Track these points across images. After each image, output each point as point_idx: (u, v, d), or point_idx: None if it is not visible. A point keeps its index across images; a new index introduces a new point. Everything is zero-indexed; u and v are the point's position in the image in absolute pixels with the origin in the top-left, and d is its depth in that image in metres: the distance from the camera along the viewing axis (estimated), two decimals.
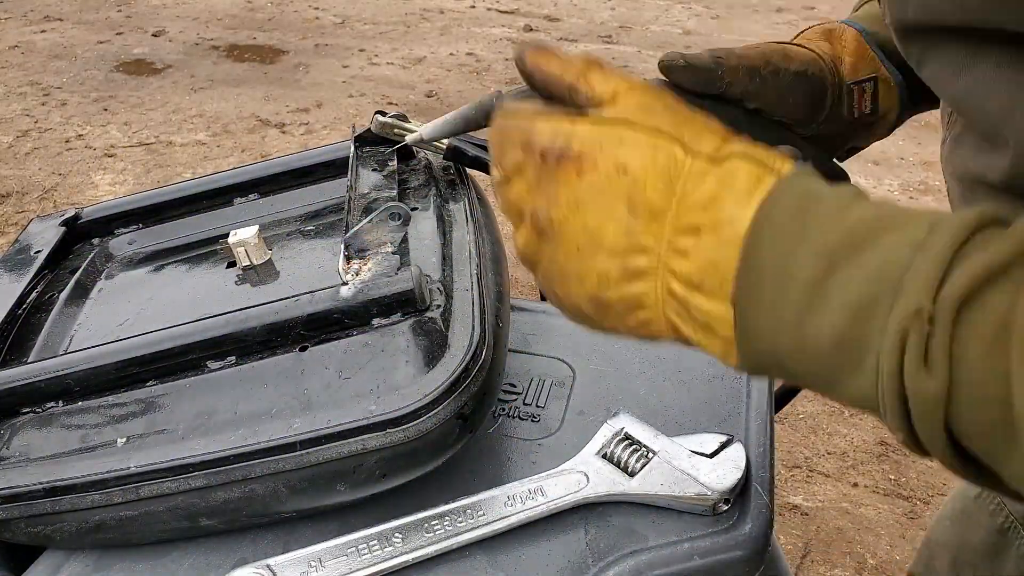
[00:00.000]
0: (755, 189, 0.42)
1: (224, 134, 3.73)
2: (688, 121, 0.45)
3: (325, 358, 0.68)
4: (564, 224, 0.46)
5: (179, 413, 0.68)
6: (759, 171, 0.42)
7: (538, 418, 0.79)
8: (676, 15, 5.40)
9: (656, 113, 0.45)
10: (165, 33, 4.92)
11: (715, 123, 0.47)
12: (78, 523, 0.66)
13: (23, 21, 5.09)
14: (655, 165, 0.43)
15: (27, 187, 3.32)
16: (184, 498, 0.65)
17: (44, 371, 0.71)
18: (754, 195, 0.42)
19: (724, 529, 0.67)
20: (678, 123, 0.45)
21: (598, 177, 0.44)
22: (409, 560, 0.65)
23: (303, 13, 5.30)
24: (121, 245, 0.99)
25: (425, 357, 0.66)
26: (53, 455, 0.67)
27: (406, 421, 0.63)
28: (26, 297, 0.86)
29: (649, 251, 0.44)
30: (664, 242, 0.43)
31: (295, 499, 0.66)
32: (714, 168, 0.43)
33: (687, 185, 0.43)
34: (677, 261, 0.43)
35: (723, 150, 0.44)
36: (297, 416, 0.64)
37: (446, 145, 0.91)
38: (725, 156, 0.43)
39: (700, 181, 0.43)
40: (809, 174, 0.42)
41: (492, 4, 5.52)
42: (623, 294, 0.45)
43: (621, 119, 0.45)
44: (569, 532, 0.68)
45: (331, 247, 0.87)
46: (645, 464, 0.70)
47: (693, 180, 0.43)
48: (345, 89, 4.17)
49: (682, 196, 0.43)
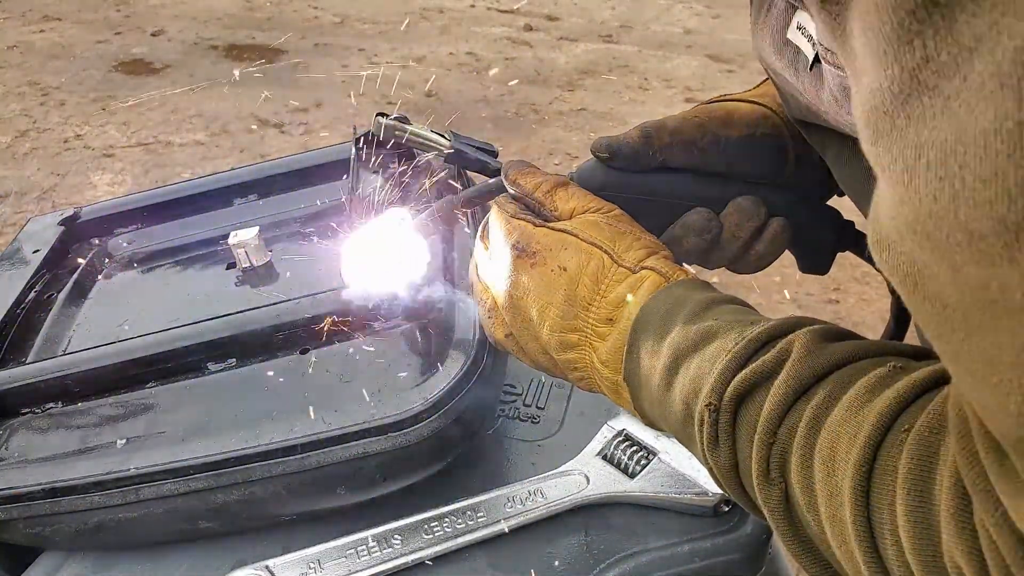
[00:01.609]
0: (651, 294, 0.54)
1: (223, 134, 3.73)
2: (622, 236, 0.57)
3: (326, 361, 0.68)
4: (521, 300, 0.59)
5: (179, 415, 0.68)
6: (661, 280, 0.54)
7: (538, 419, 0.79)
8: (677, 14, 5.40)
9: (600, 228, 0.57)
10: (164, 33, 4.91)
11: (647, 238, 0.58)
12: (77, 524, 0.66)
13: (22, 21, 5.08)
14: (587, 268, 0.56)
15: (25, 187, 3.31)
16: (184, 500, 0.65)
17: (43, 372, 0.71)
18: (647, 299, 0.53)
19: (724, 531, 0.67)
20: (614, 238, 0.57)
21: (545, 271, 0.57)
22: (409, 562, 0.65)
23: (302, 12, 5.30)
24: (120, 245, 0.99)
25: (426, 361, 0.66)
26: (52, 456, 0.67)
27: (407, 425, 0.63)
28: (25, 297, 0.86)
29: (580, 330, 0.56)
30: (590, 326, 0.56)
31: (295, 502, 0.66)
32: (630, 276, 0.55)
33: (609, 286, 0.55)
34: (598, 342, 0.55)
35: (643, 262, 0.56)
36: (298, 419, 0.64)
37: (447, 148, 0.91)
38: (641, 267, 0.55)
39: (617, 284, 0.55)
40: (684, 284, 0.54)
41: (492, 3, 5.52)
42: (562, 358, 0.58)
43: (569, 230, 0.57)
44: (569, 533, 0.68)
45: (332, 249, 0.87)
46: (645, 465, 0.70)
47: (613, 283, 0.55)
48: (344, 89, 4.17)
49: (604, 293, 0.55)
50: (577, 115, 3.74)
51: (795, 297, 2.57)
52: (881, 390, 0.40)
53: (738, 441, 0.46)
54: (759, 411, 0.44)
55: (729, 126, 0.64)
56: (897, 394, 0.39)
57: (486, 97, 4.09)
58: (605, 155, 0.62)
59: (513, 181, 0.63)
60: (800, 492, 0.42)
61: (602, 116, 3.70)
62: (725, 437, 0.46)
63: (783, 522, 0.44)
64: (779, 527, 0.44)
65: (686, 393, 0.49)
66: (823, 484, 0.40)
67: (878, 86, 0.29)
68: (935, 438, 0.36)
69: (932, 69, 0.27)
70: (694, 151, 0.63)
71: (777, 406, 0.43)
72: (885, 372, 0.41)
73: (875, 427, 0.38)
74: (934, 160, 0.27)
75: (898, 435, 0.37)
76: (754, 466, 0.44)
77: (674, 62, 4.48)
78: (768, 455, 0.43)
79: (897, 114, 0.29)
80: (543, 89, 4.16)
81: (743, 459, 0.45)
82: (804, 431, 0.42)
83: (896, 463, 0.37)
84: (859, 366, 0.43)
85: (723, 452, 0.46)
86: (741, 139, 0.64)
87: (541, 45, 4.83)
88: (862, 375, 0.42)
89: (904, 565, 0.36)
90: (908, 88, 0.28)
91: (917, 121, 0.28)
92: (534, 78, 4.33)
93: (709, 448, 0.47)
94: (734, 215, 0.63)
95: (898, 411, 0.38)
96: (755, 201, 0.63)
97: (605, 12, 5.46)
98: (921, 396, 0.39)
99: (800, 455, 0.41)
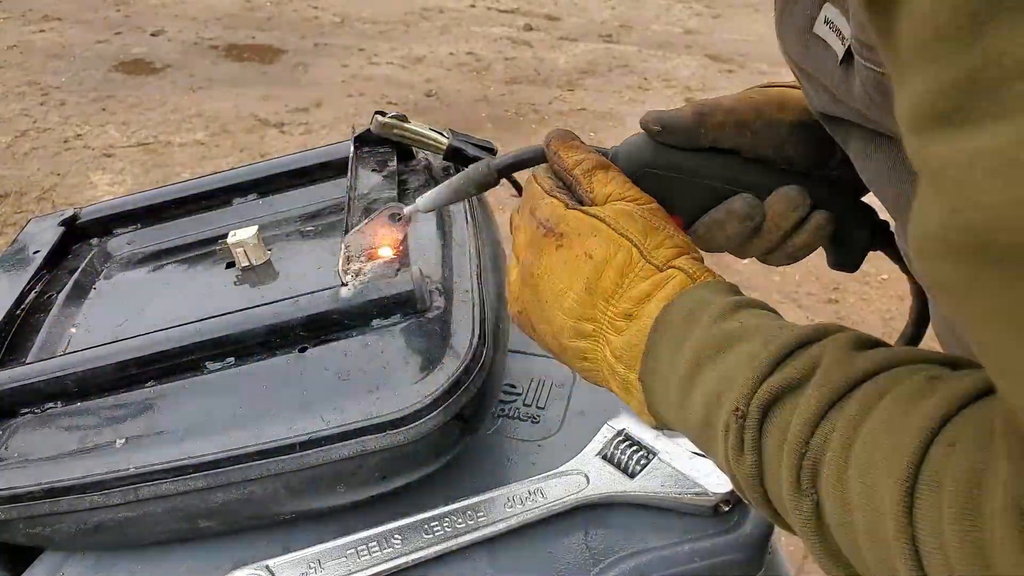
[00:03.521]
0: (675, 294, 0.53)
1: (223, 134, 3.73)
2: (655, 232, 0.56)
3: (325, 359, 0.68)
4: (540, 279, 0.58)
5: (178, 414, 0.68)
6: (687, 281, 0.53)
7: (538, 419, 0.79)
8: (677, 14, 5.40)
9: (633, 220, 0.56)
10: (164, 33, 4.91)
11: (680, 237, 0.57)
12: (77, 524, 0.66)
13: (22, 21, 5.08)
14: (614, 259, 0.55)
15: (25, 187, 3.31)
16: (183, 499, 0.65)
17: (43, 372, 0.71)
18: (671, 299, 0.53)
19: (725, 531, 0.67)
20: (647, 232, 0.56)
21: (570, 255, 0.56)
22: (409, 561, 0.65)
23: (302, 12, 5.30)
24: (120, 245, 0.99)
25: (425, 358, 0.66)
26: (52, 456, 0.67)
27: (406, 423, 0.63)
28: (25, 297, 0.86)
29: (595, 321, 0.55)
30: (607, 318, 0.55)
31: (294, 500, 0.66)
32: (657, 274, 0.54)
33: (633, 281, 0.54)
34: (613, 336, 0.54)
35: (671, 262, 0.55)
36: (297, 418, 0.64)
37: (446, 145, 0.91)
38: (668, 266, 0.54)
39: (642, 280, 0.54)
40: (710, 285, 0.53)
41: (492, 3, 5.52)
42: (572, 345, 0.57)
43: (602, 217, 0.56)
44: (569, 533, 0.68)
45: (331, 248, 0.87)
46: (645, 465, 0.70)
47: (638, 279, 0.54)
48: (344, 89, 4.17)
49: (627, 288, 0.54)
50: (577, 115, 3.74)
51: (795, 297, 2.57)
52: (919, 401, 0.39)
53: (764, 450, 0.44)
54: (789, 419, 0.43)
55: (784, 110, 0.63)
56: (938, 406, 0.38)
57: (486, 97, 4.09)
58: (656, 128, 0.60)
59: (554, 152, 0.61)
60: (833, 504, 0.41)
61: (602, 116, 3.70)
62: (752, 445, 0.45)
63: (814, 534, 0.43)
64: (809, 538, 0.43)
65: (708, 398, 0.48)
66: (861, 498, 0.39)
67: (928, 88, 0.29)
68: (982, 455, 0.35)
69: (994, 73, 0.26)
70: (747, 133, 0.62)
71: (810, 415, 0.42)
72: (922, 382, 0.40)
73: (918, 441, 0.37)
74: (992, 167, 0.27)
75: (942, 449, 0.36)
76: (784, 476, 0.43)
77: (674, 62, 4.48)
78: (799, 465, 0.42)
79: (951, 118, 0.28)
80: (543, 89, 4.16)
81: (770, 468, 0.44)
82: (838, 442, 0.40)
83: (942, 479, 0.36)
84: (894, 374, 0.42)
85: (748, 460, 0.45)
86: (794, 124, 0.63)
87: (541, 45, 4.83)
88: (897, 384, 0.40)
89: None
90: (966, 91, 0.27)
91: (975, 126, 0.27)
92: (534, 78, 4.33)
93: (734, 455, 0.46)
94: (780, 203, 0.62)
95: (940, 424, 0.37)
96: (801, 191, 0.62)
97: (605, 12, 5.46)
98: (964, 408, 0.38)
99: (835, 467, 0.40)
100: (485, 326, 0.69)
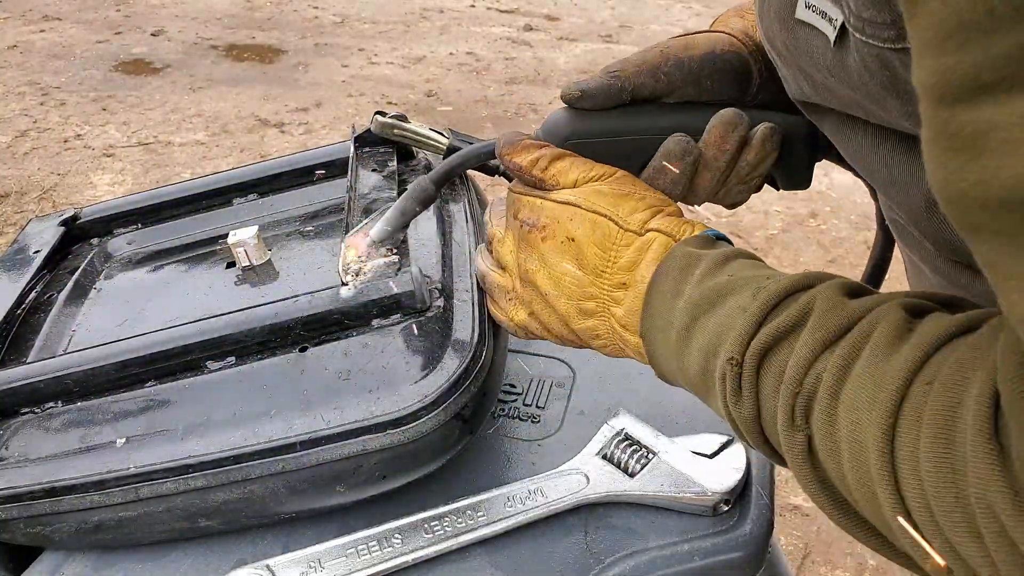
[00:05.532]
0: (661, 255, 0.56)
1: (223, 134, 3.73)
2: (625, 199, 0.59)
3: (325, 359, 0.68)
4: (536, 274, 0.61)
5: (178, 414, 0.68)
6: (668, 240, 0.57)
7: (538, 419, 0.79)
8: (676, 14, 5.40)
9: (602, 195, 0.59)
10: (164, 33, 4.91)
11: (652, 197, 0.60)
12: (77, 524, 0.66)
13: (22, 21, 5.08)
14: (593, 236, 0.58)
15: (26, 187, 3.31)
16: (183, 499, 0.65)
17: (43, 371, 0.71)
18: (659, 260, 0.56)
19: (724, 530, 0.67)
20: (617, 202, 0.59)
21: (555, 243, 0.59)
22: (409, 561, 0.65)
23: (302, 12, 5.30)
24: (120, 245, 0.99)
25: (425, 358, 0.66)
26: (52, 455, 0.67)
27: (406, 422, 0.63)
28: (25, 297, 0.86)
29: (596, 298, 0.58)
30: (605, 293, 0.58)
31: (294, 500, 0.66)
32: (637, 239, 0.57)
33: (617, 252, 0.58)
34: (615, 307, 0.58)
35: (647, 224, 0.58)
36: (297, 417, 0.64)
37: (446, 145, 0.91)
38: (646, 230, 0.57)
39: (626, 248, 0.57)
40: (693, 240, 0.56)
41: (492, 3, 5.52)
42: (582, 327, 0.60)
43: (573, 201, 0.59)
44: (569, 533, 0.68)
45: (331, 247, 0.87)
46: (645, 464, 0.70)
47: (622, 249, 0.57)
48: (344, 88, 4.17)
49: (614, 260, 0.58)
50: None
51: None
52: (899, 344, 0.42)
53: (761, 392, 0.48)
54: (784, 363, 0.46)
55: (690, 48, 0.66)
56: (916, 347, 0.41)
57: (486, 97, 4.09)
58: (576, 94, 0.62)
59: (509, 159, 0.62)
60: (823, 438, 0.44)
61: None
62: (749, 389, 0.48)
63: (805, 466, 0.46)
64: (800, 471, 0.46)
65: (705, 349, 0.51)
66: (847, 431, 0.42)
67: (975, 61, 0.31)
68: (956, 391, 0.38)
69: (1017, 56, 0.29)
70: (661, 76, 0.64)
71: (804, 358, 0.45)
72: (902, 325, 0.43)
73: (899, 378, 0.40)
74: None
75: (920, 387, 0.40)
76: (780, 414, 0.46)
77: None
78: (794, 404, 0.45)
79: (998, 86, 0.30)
80: (543, 89, 4.16)
81: (767, 409, 0.48)
82: (829, 380, 0.44)
83: (921, 412, 0.39)
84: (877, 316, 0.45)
85: (746, 404, 0.48)
86: (703, 56, 0.65)
87: (541, 45, 4.83)
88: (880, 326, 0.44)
89: (925, 508, 0.38)
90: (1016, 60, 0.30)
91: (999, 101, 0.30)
92: (534, 78, 4.33)
93: (732, 400, 0.49)
94: (718, 128, 0.63)
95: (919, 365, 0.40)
96: (736, 112, 0.63)
97: (605, 12, 5.46)
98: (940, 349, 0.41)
99: (825, 403, 0.44)
100: (485, 325, 0.69)
